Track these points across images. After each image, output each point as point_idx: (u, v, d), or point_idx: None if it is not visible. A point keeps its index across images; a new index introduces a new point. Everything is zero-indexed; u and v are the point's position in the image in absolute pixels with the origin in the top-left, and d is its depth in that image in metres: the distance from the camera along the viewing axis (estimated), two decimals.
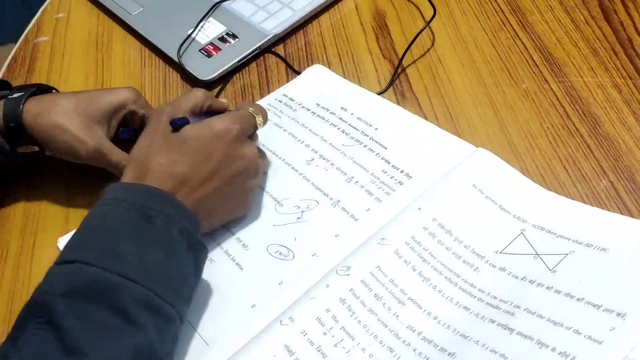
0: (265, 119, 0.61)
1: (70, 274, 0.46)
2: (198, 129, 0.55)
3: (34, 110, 0.62)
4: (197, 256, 0.52)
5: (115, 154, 0.62)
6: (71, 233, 0.61)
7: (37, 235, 0.66)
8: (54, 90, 0.68)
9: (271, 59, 0.79)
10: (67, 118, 0.61)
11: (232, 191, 0.57)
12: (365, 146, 0.64)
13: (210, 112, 0.60)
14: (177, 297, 0.49)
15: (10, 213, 0.68)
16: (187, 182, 0.53)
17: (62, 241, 0.62)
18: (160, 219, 0.49)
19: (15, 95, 0.62)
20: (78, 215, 0.65)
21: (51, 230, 0.64)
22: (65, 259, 0.47)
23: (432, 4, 0.77)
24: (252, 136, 0.60)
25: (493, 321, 0.48)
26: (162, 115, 0.56)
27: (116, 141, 0.64)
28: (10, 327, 0.58)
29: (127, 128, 0.66)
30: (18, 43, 0.87)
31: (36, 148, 0.63)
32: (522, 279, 0.50)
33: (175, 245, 0.50)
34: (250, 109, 0.60)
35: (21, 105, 0.61)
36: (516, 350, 0.45)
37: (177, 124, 0.55)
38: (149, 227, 0.49)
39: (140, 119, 0.66)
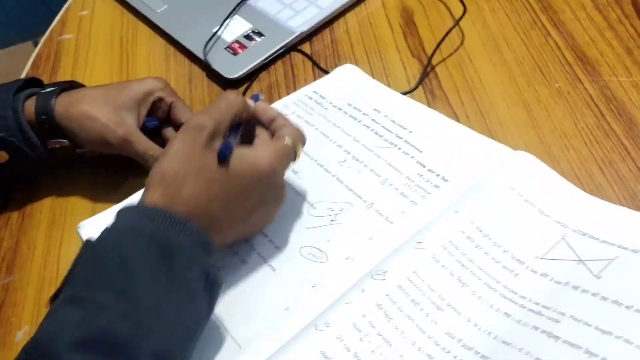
0: (303, 145, 0.57)
1: (81, 322, 0.42)
2: (242, 165, 0.51)
3: (65, 102, 0.62)
4: (212, 294, 0.49)
5: (143, 143, 0.62)
6: (93, 219, 0.61)
7: (64, 233, 0.66)
8: None
9: (297, 57, 0.78)
10: (97, 106, 0.62)
11: (256, 220, 0.55)
12: (399, 149, 0.62)
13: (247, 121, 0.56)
14: (189, 344, 0.47)
15: (37, 210, 0.68)
16: (219, 221, 0.50)
17: (83, 226, 0.61)
18: (181, 254, 0.46)
19: (48, 89, 0.64)
20: (106, 210, 0.64)
21: (78, 225, 0.63)
22: (76, 296, 0.44)
23: (461, 1, 0.75)
24: None
25: (536, 328, 0.47)
26: (202, 132, 0.50)
27: (143, 131, 0.64)
28: (37, 326, 0.59)
29: (153, 117, 0.66)
30: (42, 40, 0.86)
31: (66, 142, 0.63)
32: (565, 284, 0.49)
33: (194, 288, 0.46)
34: (290, 140, 0.54)
35: (53, 99, 0.62)
36: (563, 359, 0.44)
37: (225, 157, 0.50)
38: (169, 266, 0.45)
39: (167, 107, 0.66)
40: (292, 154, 0.55)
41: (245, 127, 0.55)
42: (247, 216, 0.53)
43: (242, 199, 0.51)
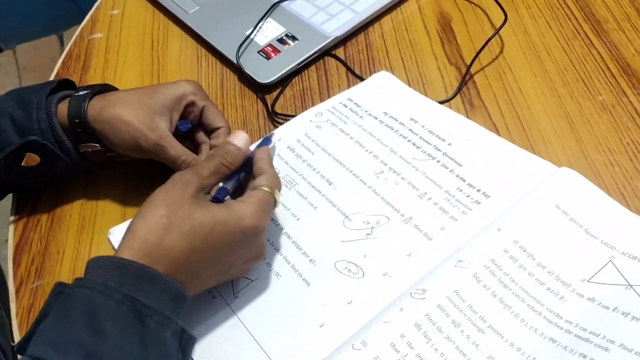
0: (280, 191, 0.55)
1: None
2: (227, 217, 0.49)
3: (99, 105, 0.62)
4: (186, 352, 0.47)
5: (175, 148, 0.62)
6: (125, 224, 0.60)
7: (94, 237, 0.65)
8: None
9: (331, 62, 0.77)
10: (130, 110, 0.61)
11: (234, 273, 0.54)
12: (438, 162, 0.61)
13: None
14: None
15: (66, 213, 0.68)
16: (198, 274, 0.49)
17: (114, 232, 0.60)
18: (155, 320, 0.44)
19: (82, 92, 0.63)
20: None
21: (107, 230, 0.62)
22: (41, 356, 0.41)
23: (502, 9, 0.73)
24: None
25: (584, 356, 0.45)
26: (188, 187, 0.49)
27: (176, 135, 0.63)
28: None
29: (186, 121, 0.65)
30: (72, 39, 0.85)
31: (98, 146, 0.63)
32: (613, 310, 0.47)
33: (168, 350, 0.45)
34: (268, 187, 0.52)
35: (87, 102, 0.62)
36: None
37: (219, 199, 0.52)
38: (142, 328, 0.44)
39: (199, 111, 0.65)
40: (273, 202, 0.53)
41: (244, 174, 0.56)
42: (226, 269, 0.51)
43: (223, 253, 0.50)
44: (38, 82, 0.66)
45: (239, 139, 0.55)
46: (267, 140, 0.58)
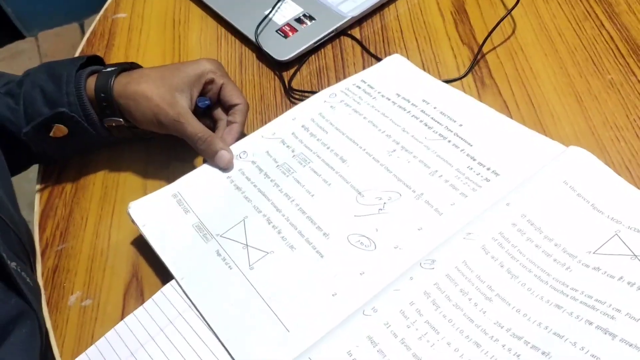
0: None
1: None
2: None
3: (124, 81, 0.64)
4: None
5: (192, 125, 0.64)
6: (144, 199, 0.63)
7: (116, 205, 0.67)
8: None
9: (347, 41, 0.78)
10: (153, 86, 0.63)
11: None
12: (449, 141, 0.62)
13: None
14: None
15: (89, 182, 0.70)
16: None
17: (133, 206, 0.62)
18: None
19: (109, 69, 0.65)
20: (156, 186, 0.66)
21: (129, 200, 0.64)
22: None
23: None
24: None
25: (591, 323, 0.47)
26: None
27: (195, 112, 0.66)
28: (90, 291, 0.60)
29: (204, 98, 0.68)
30: (97, 18, 0.88)
31: (122, 121, 0.65)
32: (619, 279, 0.49)
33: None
34: None
35: (113, 78, 0.64)
36: (621, 359, 0.44)
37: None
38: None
39: (218, 89, 0.67)
40: None
41: None
42: None
43: None
44: None
45: None
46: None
